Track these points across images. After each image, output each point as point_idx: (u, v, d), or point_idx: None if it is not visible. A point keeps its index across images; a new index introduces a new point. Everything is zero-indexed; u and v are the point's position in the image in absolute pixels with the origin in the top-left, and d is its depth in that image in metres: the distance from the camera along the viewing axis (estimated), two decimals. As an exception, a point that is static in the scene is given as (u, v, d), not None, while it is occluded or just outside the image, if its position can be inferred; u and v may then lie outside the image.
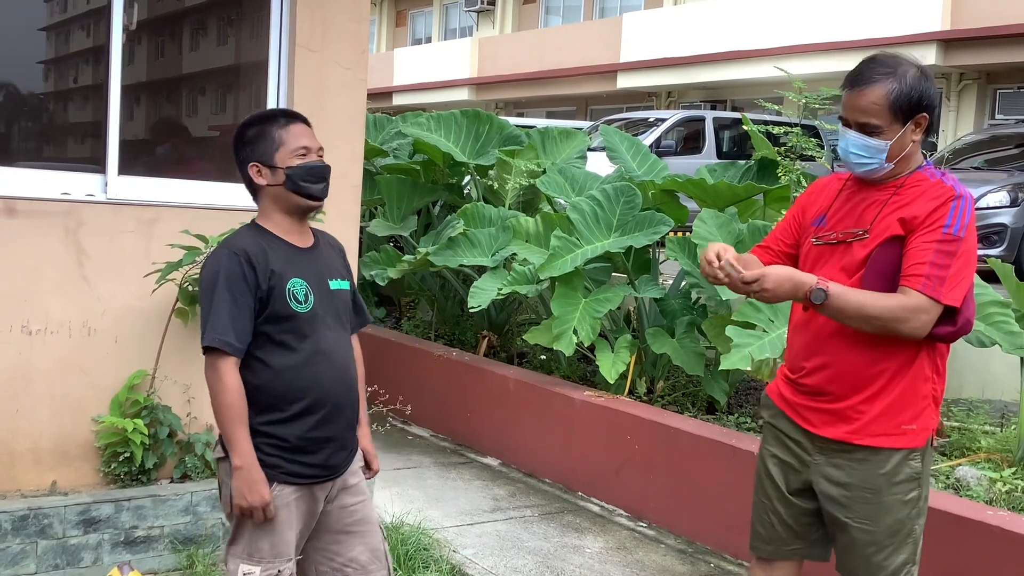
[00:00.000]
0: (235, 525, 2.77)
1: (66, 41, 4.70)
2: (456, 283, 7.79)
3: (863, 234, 2.75)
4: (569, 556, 4.72)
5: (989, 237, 9.68)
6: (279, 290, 2.69)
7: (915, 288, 2.63)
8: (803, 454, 2.92)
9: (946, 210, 2.66)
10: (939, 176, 2.78)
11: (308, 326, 2.73)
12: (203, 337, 2.66)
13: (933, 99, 2.77)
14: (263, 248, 2.72)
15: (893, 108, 2.70)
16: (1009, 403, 5.65)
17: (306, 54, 4.71)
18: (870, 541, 2.82)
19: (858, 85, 2.75)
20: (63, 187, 4.30)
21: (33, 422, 4.19)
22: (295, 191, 2.75)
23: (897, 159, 2.76)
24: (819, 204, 2.97)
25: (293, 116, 2.83)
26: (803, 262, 2.95)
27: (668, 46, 21.93)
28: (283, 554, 2.74)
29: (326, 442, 2.78)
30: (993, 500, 4.34)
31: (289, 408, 2.72)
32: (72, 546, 4.08)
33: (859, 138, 2.75)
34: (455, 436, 6.72)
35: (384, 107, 26.45)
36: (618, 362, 5.68)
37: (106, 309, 4.31)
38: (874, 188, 2.82)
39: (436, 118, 7.94)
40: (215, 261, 2.71)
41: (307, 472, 2.76)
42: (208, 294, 2.68)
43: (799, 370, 2.90)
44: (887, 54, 2.82)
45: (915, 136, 2.76)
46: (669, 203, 6.54)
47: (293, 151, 2.74)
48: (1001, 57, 17.00)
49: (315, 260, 2.83)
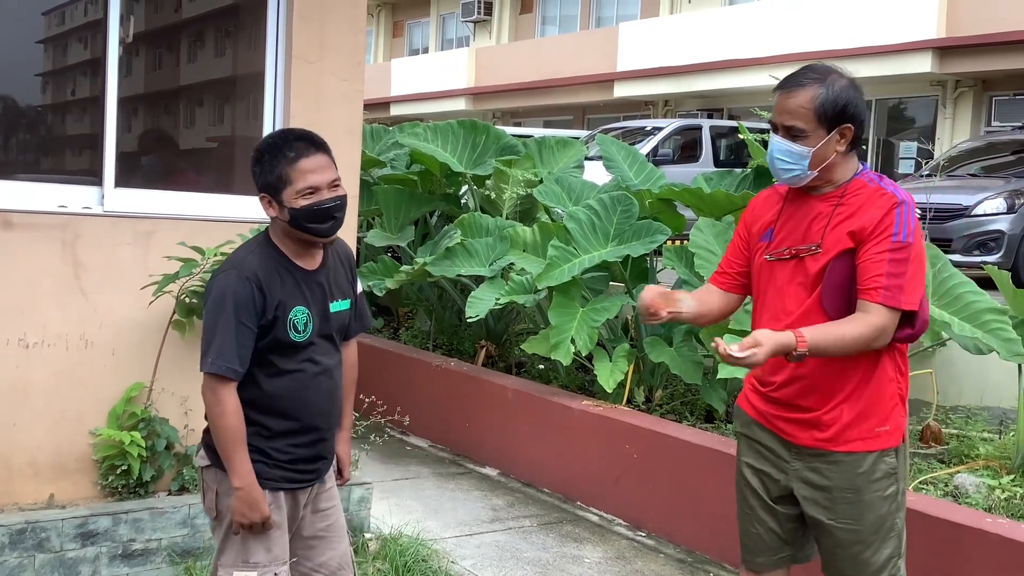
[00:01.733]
0: (223, 537, 2.79)
1: (63, 53, 4.71)
2: (454, 293, 7.79)
3: (816, 248, 2.79)
4: (568, 566, 4.71)
5: (986, 244, 9.70)
6: (282, 319, 2.69)
7: (876, 301, 2.67)
8: (780, 461, 2.95)
9: (892, 218, 2.70)
10: (877, 181, 2.82)
11: (303, 352, 2.76)
12: (204, 358, 2.66)
13: (860, 111, 2.80)
14: (273, 273, 2.70)
15: (818, 113, 2.74)
16: (1007, 410, 5.65)
17: (303, 65, 4.72)
18: (856, 540, 2.86)
19: (787, 88, 2.81)
20: (60, 200, 4.30)
21: (30, 435, 4.18)
22: (301, 229, 2.70)
23: (820, 168, 2.79)
24: (764, 219, 3.00)
25: (307, 145, 2.69)
26: (756, 278, 2.98)
27: (664, 55, 21.98)
28: (279, 557, 2.76)
29: (308, 456, 2.83)
30: (992, 507, 4.33)
31: (275, 427, 2.76)
32: (70, 559, 4.07)
33: (783, 143, 2.79)
34: (453, 446, 6.71)
35: (381, 117, 26.48)
36: (616, 371, 5.68)
37: (103, 322, 4.31)
38: (817, 199, 2.85)
39: (433, 128, 7.94)
40: (225, 281, 2.67)
41: (292, 477, 2.80)
42: (215, 315, 2.66)
43: (768, 384, 2.94)
44: (822, 63, 2.89)
45: (839, 147, 2.79)
46: (666, 212, 6.54)
47: (300, 192, 2.65)
48: (997, 64, 17.04)
49: (320, 284, 2.81)
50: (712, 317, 3.12)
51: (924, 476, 4.78)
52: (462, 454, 6.60)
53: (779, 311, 2.86)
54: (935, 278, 5.14)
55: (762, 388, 2.96)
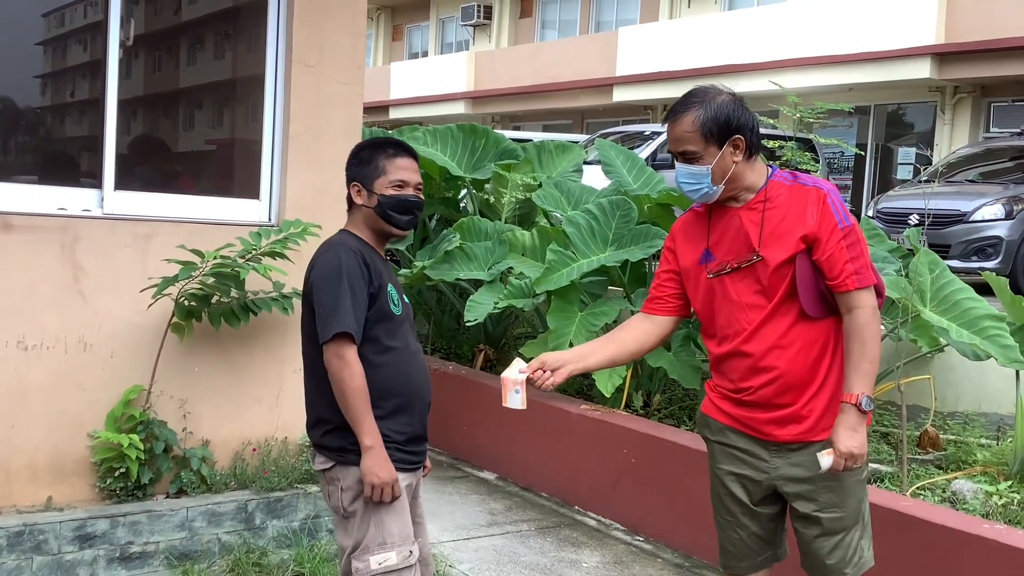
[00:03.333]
0: (351, 529, 2.89)
1: (63, 56, 4.71)
2: (452, 297, 7.79)
3: (757, 258, 2.88)
4: (566, 571, 4.71)
5: (984, 250, 9.71)
6: (384, 291, 2.91)
7: (852, 287, 2.83)
8: (760, 463, 3.00)
9: (829, 208, 2.84)
10: (792, 179, 2.94)
11: (400, 328, 2.97)
12: (328, 325, 2.80)
13: (744, 120, 2.90)
14: (369, 250, 2.96)
15: (703, 132, 2.87)
16: (1005, 416, 5.65)
17: (303, 69, 4.72)
18: (841, 527, 2.95)
19: (671, 117, 2.95)
20: (59, 202, 4.30)
21: (29, 438, 4.18)
22: (383, 218, 2.97)
23: (724, 180, 2.89)
24: (694, 242, 3.06)
25: (403, 149, 3.02)
26: (703, 299, 3.02)
27: (664, 60, 21.99)
28: (410, 536, 2.92)
29: (418, 435, 3.00)
30: (989, 513, 4.34)
31: (387, 405, 2.90)
32: (68, 562, 4.07)
33: (683, 167, 2.93)
34: (452, 450, 6.71)
35: (381, 121, 26.49)
36: (614, 376, 5.68)
37: (102, 324, 4.31)
38: (742, 210, 2.94)
39: (432, 132, 7.95)
40: (335, 256, 2.88)
41: (407, 459, 2.96)
42: (331, 285, 2.84)
43: (742, 390, 2.98)
44: (701, 87, 3.01)
45: (736, 157, 2.90)
46: (665, 216, 6.55)
47: (391, 182, 2.95)
48: (995, 70, 17.06)
49: (393, 274, 3.09)
50: (642, 350, 3.21)
51: (922, 482, 4.78)
52: (460, 458, 6.60)
53: (740, 323, 2.92)
54: (933, 284, 5.15)
55: (735, 394, 3.01)
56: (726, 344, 2.97)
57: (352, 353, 2.82)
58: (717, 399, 3.08)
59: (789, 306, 2.87)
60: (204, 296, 4.37)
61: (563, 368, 3.02)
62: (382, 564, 2.82)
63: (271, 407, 4.72)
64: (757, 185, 2.93)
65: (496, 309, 6.36)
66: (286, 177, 4.71)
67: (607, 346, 3.18)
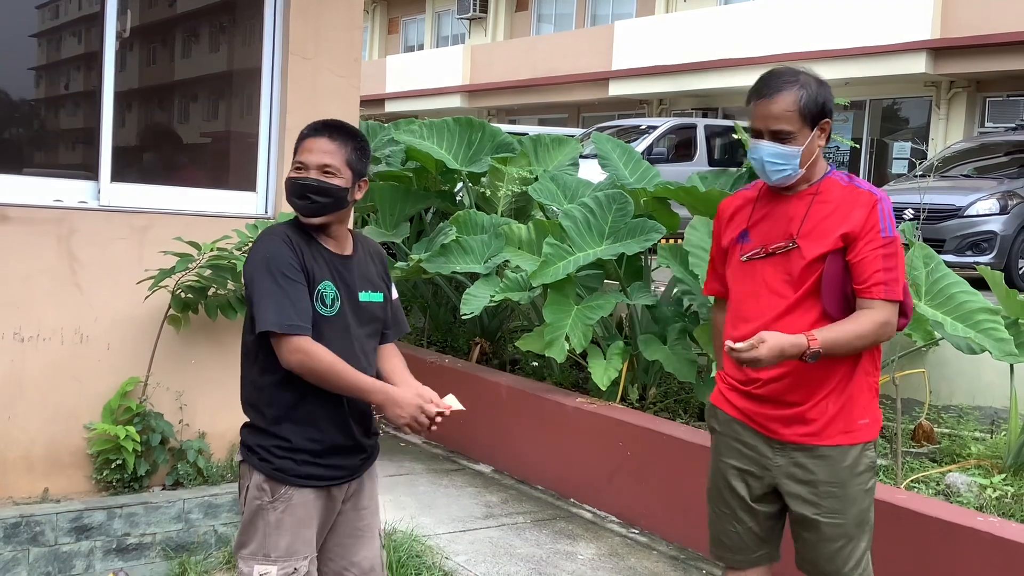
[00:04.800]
0: (246, 527, 2.78)
1: (58, 48, 4.70)
2: (448, 290, 7.80)
3: (792, 245, 2.86)
4: (561, 563, 4.72)
5: (979, 244, 9.74)
6: (312, 289, 2.70)
7: (878, 297, 2.79)
8: (762, 459, 2.98)
9: (876, 215, 2.81)
10: (848, 180, 2.92)
11: (330, 333, 2.71)
12: (260, 322, 2.62)
13: (832, 103, 2.91)
14: (304, 242, 2.74)
15: (803, 113, 2.84)
16: (999, 409, 5.67)
17: (299, 61, 4.72)
18: (840, 534, 2.91)
19: (767, 95, 2.88)
20: (56, 194, 4.30)
21: (25, 429, 4.18)
22: (289, 202, 2.78)
23: (807, 164, 2.88)
24: (735, 224, 3.05)
25: (323, 128, 2.79)
26: (734, 280, 3.03)
27: (660, 54, 21.99)
28: (299, 552, 2.75)
29: (334, 447, 2.78)
30: (983, 506, 4.36)
31: (296, 412, 2.73)
32: (64, 553, 4.07)
33: (772, 146, 2.86)
34: (448, 443, 6.72)
35: (377, 114, 26.47)
36: (610, 369, 5.70)
37: (98, 316, 4.31)
38: (791, 198, 2.92)
39: (428, 125, 7.95)
40: (260, 246, 2.71)
41: (319, 474, 2.77)
42: (257, 279, 2.66)
43: (752, 382, 2.96)
44: (786, 67, 2.97)
45: (820, 141, 2.90)
46: (661, 210, 6.55)
47: (293, 165, 2.77)
48: (991, 65, 17.09)
49: (349, 269, 2.82)
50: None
51: (916, 475, 4.80)
52: (456, 451, 6.61)
53: (760, 310, 2.90)
54: (928, 278, 5.17)
55: (744, 386, 2.99)
56: (740, 329, 2.92)
57: (301, 342, 2.60)
58: (726, 390, 3.06)
59: (813, 303, 2.84)
60: (201, 288, 4.37)
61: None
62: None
63: (267, 399, 4.72)
64: (816, 177, 2.91)
65: (492, 302, 6.37)
66: (282, 169, 4.71)
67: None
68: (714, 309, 3.28)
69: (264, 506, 2.74)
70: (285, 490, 2.74)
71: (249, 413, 2.81)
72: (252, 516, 2.76)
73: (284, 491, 2.73)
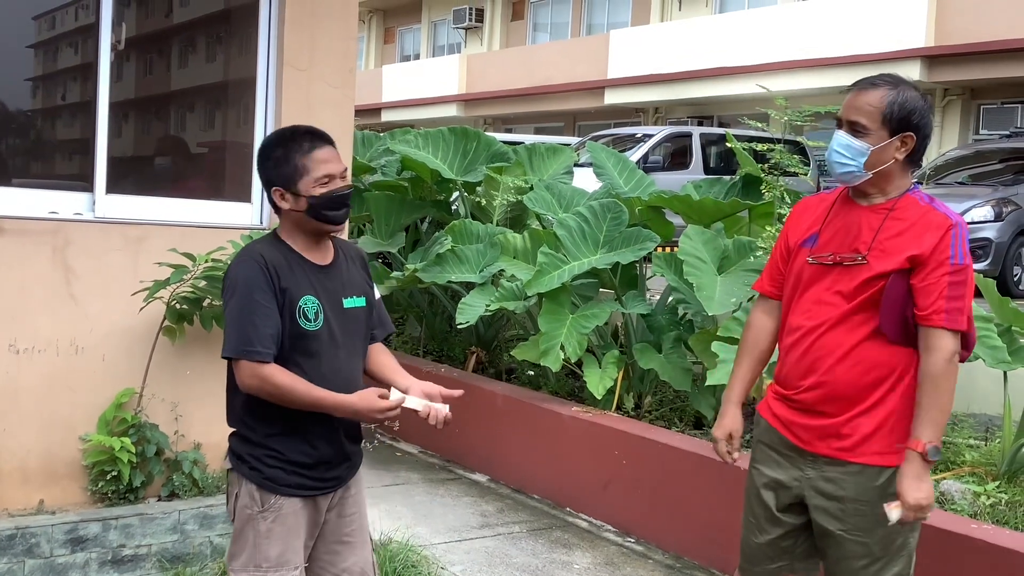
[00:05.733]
0: (236, 537, 2.78)
1: (54, 58, 4.72)
2: (444, 299, 7.81)
3: (861, 259, 2.80)
4: (558, 572, 4.72)
5: (973, 252, 9.76)
6: (290, 307, 2.69)
7: (939, 325, 2.71)
8: (794, 469, 2.94)
9: (948, 240, 2.74)
10: (927, 201, 2.84)
11: (315, 345, 2.72)
12: (227, 347, 2.65)
13: (925, 124, 2.83)
14: (282, 261, 2.71)
15: (885, 113, 2.79)
16: (994, 417, 5.68)
17: (294, 72, 4.73)
18: (864, 553, 2.85)
19: (861, 87, 2.86)
20: (51, 206, 4.31)
21: (20, 440, 4.19)
22: (318, 218, 2.74)
23: (876, 170, 2.82)
24: (806, 224, 3.01)
25: (318, 138, 2.78)
26: (794, 281, 2.98)
27: (655, 62, 22.05)
28: (290, 562, 2.76)
29: (325, 457, 2.80)
30: (977, 514, 4.36)
31: (285, 423, 2.73)
32: (60, 565, 4.07)
33: (844, 137, 2.84)
34: (443, 452, 6.72)
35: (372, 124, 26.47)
36: (605, 378, 5.70)
37: (93, 327, 4.31)
38: (866, 209, 2.86)
39: (424, 135, 7.97)
40: (234, 270, 2.70)
41: (309, 484, 2.78)
42: (229, 303, 2.67)
43: (794, 388, 2.92)
44: (895, 74, 2.93)
45: (898, 154, 2.82)
46: (655, 219, 6.57)
47: (317, 180, 2.71)
48: (985, 73, 17.13)
49: (331, 278, 2.81)
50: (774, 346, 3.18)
51: (911, 482, 4.80)
52: (452, 460, 6.61)
53: (819, 313, 2.86)
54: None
55: (785, 392, 2.96)
56: (793, 334, 2.91)
57: (260, 368, 2.61)
58: (772, 400, 3.04)
59: (865, 317, 2.79)
60: (196, 299, 4.38)
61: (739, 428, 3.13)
62: None
63: (263, 410, 4.73)
64: (894, 192, 2.85)
65: (488, 311, 6.38)
66: (277, 180, 4.71)
67: (756, 368, 3.16)
68: (756, 307, 3.20)
69: (254, 516, 2.75)
70: (275, 500, 2.74)
71: (238, 427, 2.82)
72: (242, 526, 2.77)
73: (274, 500, 2.74)
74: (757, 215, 6.48)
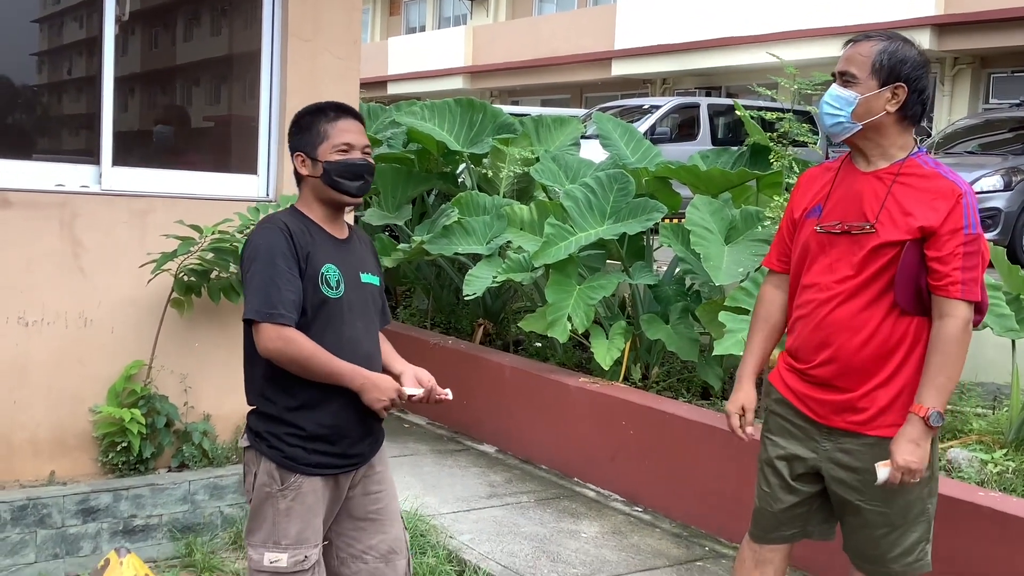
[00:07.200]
0: (255, 514, 2.79)
1: (59, 33, 4.71)
2: (451, 271, 7.81)
3: (870, 228, 2.77)
4: (565, 541, 4.75)
5: (983, 221, 9.66)
6: (311, 274, 2.71)
7: (955, 296, 2.69)
8: (810, 441, 2.93)
9: (960, 210, 2.70)
10: (932, 165, 2.80)
11: (336, 313, 2.74)
12: (248, 311, 2.66)
13: (919, 74, 2.79)
14: (302, 229, 2.75)
15: (874, 62, 2.76)
16: (1001, 385, 5.68)
17: (299, 44, 4.72)
18: (883, 522, 2.85)
19: (855, 40, 2.85)
20: (58, 179, 4.31)
21: (31, 413, 4.22)
22: (331, 186, 2.77)
23: (866, 122, 2.78)
24: (811, 194, 2.99)
25: (344, 111, 2.83)
26: (801, 252, 2.95)
27: (662, 33, 21.90)
28: (309, 540, 2.76)
29: (346, 432, 2.78)
30: (984, 481, 4.37)
31: (307, 395, 2.73)
32: (71, 535, 4.11)
33: (834, 88, 2.82)
34: (451, 424, 6.75)
35: (378, 96, 26.42)
36: (613, 348, 5.71)
37: (102, 300, 4.33)
38: (870, 176, 2.83)
39: (430, 107, 7.94)
40: (256, 236, 2.73)
41: (329, 462, 2.77)
42: (250, 268, 2.69)
43: (807, 361, 2.91)
44: (899, 34, 2.89)
45: (890, 106, 2.77)
46: (662, 190, 6.55)
47: (335, 146, 2.76)
48: (995, 41, 16.99)
49: (349, 252, 2.86)
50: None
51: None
52: (460, 431, 6.64)
53: (824, 287, 2.85)
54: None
55: (799, 365, 2.94)
56: (805, 307, 2.89)
57: (284, 331, 2.63)
58: (784, 371, 3.02)
59: (875, 288, 2.77)
60: (203, 271, 4.39)
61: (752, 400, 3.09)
62: (273, 563, 2.72)
63: (271, 381, 4.75)
64: (895, 155, 2.81)
65: (495, 283, 6.38)
66: (283, 152, 4.71)
67: (769, 342, 3.14)
68: (766, 282, 3.18)
69: (274, 494, 2.74)
70: (295, 478, 2.73)
71: (258, 402, 2.81)
72: (261, 503, 2.77)
73: (294, 479, 2.73)
74: (765, 185, 6.46)
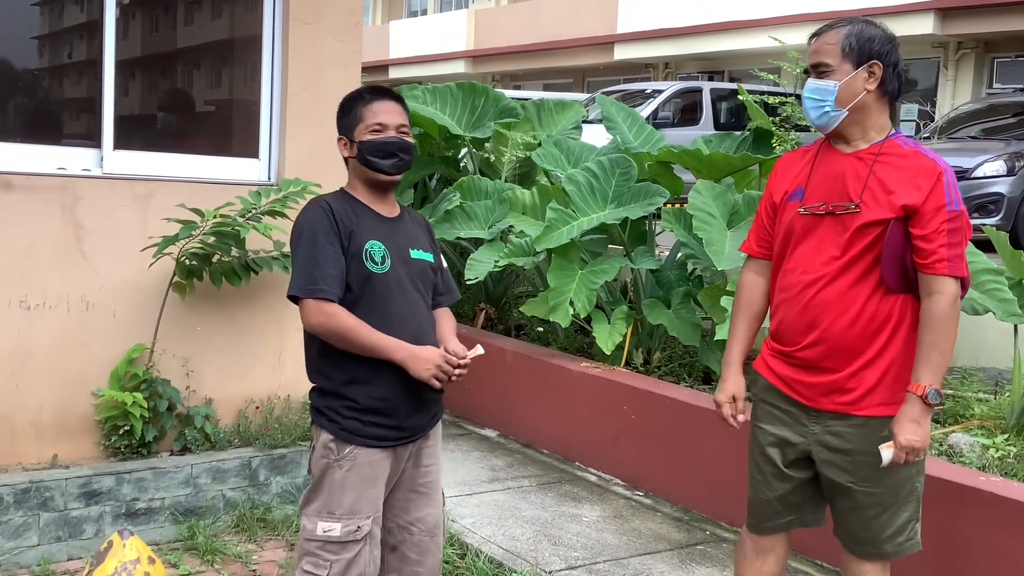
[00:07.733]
0: (314, 486, 2.86)
1: (60, 16, 4.69)
2: (453, 256, 7.80)
3: (854, 208, 2.78)
4: (567, 525, 4.77)
5: (986, 206, 9.70)
6: (355, 250, 2.79)
7: (942, 273, 2.72)
8: (798, 426, 2.94)
9: (942, 188, 2.74)
10: (912, 145, 2.84)
11: (384, 288, 2.82)
12: (292, 288, 2.77)
13: (888, 48, 2.83)
14: (347, 209, 2.84)
15: (843, 47, 2.80)
16: (1003, 370, 5.68)
17: (300, 27, 4.70)
18: (874, 503, 2.86)
19: (818, 33, 2.89)
20: (59, 162, 4.31)
21: (33, 396, 4.22)
22: (366, 165, 2.86)
23: (850, 105, 2.81)
24: (790, 178, 2.99)
25: (381, 93, 2.94)
26: (785, 235, 2.95)
27: (665, 17, 21.81)
28: (362, 511, 2.82)
29: (399, 404, 2.84)
30: (986, 466, 4.38)
31: (358, 370, 2.79)
32: (74, 518, 4.12)
33: (812, 82, 2.85)
34: (453, 408, 6.75)
35: (380, 80, 26.32)
36: (615, 333, 5.71)
37: (104, 283, 4.33)
38: (851, 156, 2.85)
39: (432, 91, 7.92)
40: (301, 217, 2.83)
41: (384, 434, 2.84)
42: (296, 247, 2.80)
43: (793, 344, 2.91)
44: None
45: (869, 85, 2.81)
46: (665, 174, 6.54)
47: (368, 127, 2.85)
48: (999, 26, 16.93)
49: (397, 230, 2.93)
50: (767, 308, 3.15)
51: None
52: (462, 416, 6.65)
53: (809, 269, 2.85)
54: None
55: (785, 348, 2.94)
56: (790, 290, 2.90)
57: (326, 306, 2.72)
58: (769, 356, 3.02)
59: (860, 267, 2.78)
60: (205, 255, 4.38)
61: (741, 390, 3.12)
62: (326, 532, 2.78)
63: (273, 365, 4.76)
64: (874, 136, 2.84)
65: (497, 267, 6.38)
66: (285, 136, 4.71)
67: (753, 328, 3.15)
68: (745, 268, 3.18)
69: (331, 464, 2.82)
70: (351, 449, 2.80)
71: (316, 379, 2.90)
72: (320, 474, 2.84)
73: (350, 450, 2.80)
74: (767, 169, 6.44)
